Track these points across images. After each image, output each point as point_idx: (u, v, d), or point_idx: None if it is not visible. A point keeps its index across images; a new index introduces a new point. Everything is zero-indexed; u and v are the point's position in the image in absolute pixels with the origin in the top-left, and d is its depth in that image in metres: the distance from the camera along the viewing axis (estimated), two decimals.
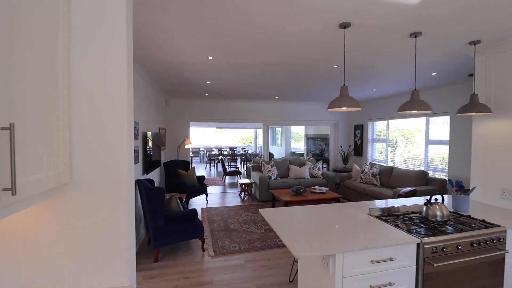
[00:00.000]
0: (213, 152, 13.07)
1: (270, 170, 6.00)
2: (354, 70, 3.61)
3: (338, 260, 1.56)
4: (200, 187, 5.52)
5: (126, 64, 1.04)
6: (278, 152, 12.34)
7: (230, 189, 7.22)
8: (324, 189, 4.77)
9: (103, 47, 1.01)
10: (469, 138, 4.34)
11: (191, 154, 13.06)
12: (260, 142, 15.06)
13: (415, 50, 2.74)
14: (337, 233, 1.80)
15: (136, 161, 3.32)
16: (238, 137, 19.95)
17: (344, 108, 2.08)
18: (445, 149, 4.82)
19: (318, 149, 10.10)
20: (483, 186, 2.63)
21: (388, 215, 2.21)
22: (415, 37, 2.35)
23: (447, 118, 4.77)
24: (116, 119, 1.03)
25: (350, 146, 7.59)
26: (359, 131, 7.16)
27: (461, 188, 2.40)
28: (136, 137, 3.35)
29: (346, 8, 1.83)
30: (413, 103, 2.25)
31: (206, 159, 12.50)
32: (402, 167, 5.80)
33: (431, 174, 5.07)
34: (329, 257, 1.60)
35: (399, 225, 1.96)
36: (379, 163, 6.12)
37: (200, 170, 11.11)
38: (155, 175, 4.88)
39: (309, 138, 10.92)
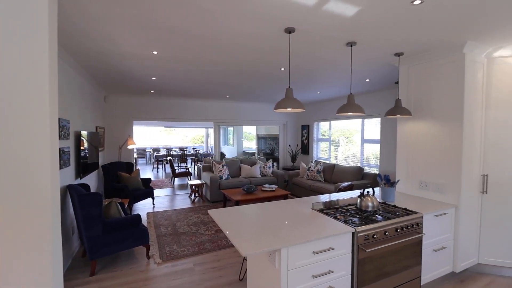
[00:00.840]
0: (161, 153, 12.38)
1: (221, 170, 5.95)
2: (300, 73, 3.81)
3: (283, 254, 1.62)
4: (145, 190, 5.16)
5: (48, 54, 0.90)
6: (230, 151, 12.33)
7: (180, 191, 6.94)
8: (274, 186, 4.94)
9: (18, 32, 0.86)
10: (395, 138, 4.98)
11: (135, 156, 12.15)
12: (212, 142, 14.83)
13: (350, 58, 3.02)
14: (284, 228, 1.87)
15: (66, 164, 2.93)
16: (189, 136, 19.31)
17: (289, 109, 2.18)
18: (377, 147, 5.45)
19: (269, 148, 10.40)
20: (405, 179, 3.05)
21: (329, 208, 2.39)
22: (351, 46, 2.59)
23: (379, 120, 5.39)
24: (34, 115, 0.89)
25: (298, 145, 8.00)
26: (306, 131, 7.60)
27: (388, 181, 2.73)
28: (66, 137, 2.96)
29: (290, 14, 1.92)
30: (349, 106, 2.48)
31: (153, 161, 11.77)
32: (343, 164, 6.35)
33: (366, 169, 5.66)
34: (275, 252, 1.65)
35: (338, 217, 2.14)
36: (323, 161, 6.58)
37: (146, 172, 10.42)
38: (91, 179, 4.39)
39: (260, 138, 11.17)
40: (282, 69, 3.58)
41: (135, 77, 4.13)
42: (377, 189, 3.21)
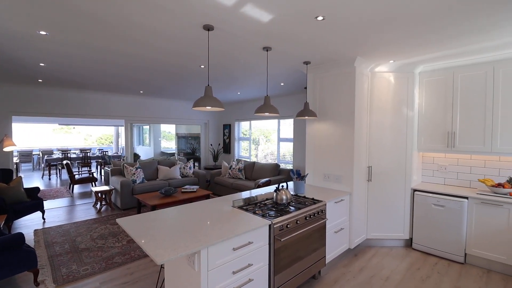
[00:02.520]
0: (55, 156, 10.26)
1: (134, 173, 5.38)
2: (220, 72, 3.82)
3: (203, 255, 1.59)
4: (31, 202, 4.17)
5: None
6: (146, 152, 11.29)
7: (82, 200, 5.92)
8: (195, 187, 4.80)
9: None
10: (305, 137, 5.60)
11: (16, 160, 9.73)
12: (123, 142, 13.24)
13: (267, 62, 3.22)
14: (204, 229, 1.83)
15: None
16: (95, 136, 16.73)
17: (208, 108, 2.15)
18: (291, 145, 6.01)
19: (190, 148, 10.05)
20: (313, 173, 3.46)
21: (248, 204, 2.48)
22: (267, 50, 2.75)
23: (292, 120, 5.95)
24: None
25: (219, 144, 8.01)
26: (227, 130, 7.70)
27: (299, 175, 3.04)
28: None
29: (208, 11, 1.89)
30: (266, 107, 2.63)
31: (43, 165, 9.63)
32: (263, 161, 6.73)
33: (282, 166, 6.17)
34: (195, 255, 1.60)
35: (256, 211, 2.24)
36: (244, 159, 6.81)
37: (34, 181, 8.46)
38: None
39: (180, 137, 10.66)
40: (202, 66, 3.50)
41: (14, 60, 3.28)
42: (291, 183, 3.54)
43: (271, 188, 3.30)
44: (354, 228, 3.13)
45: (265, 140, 6.99)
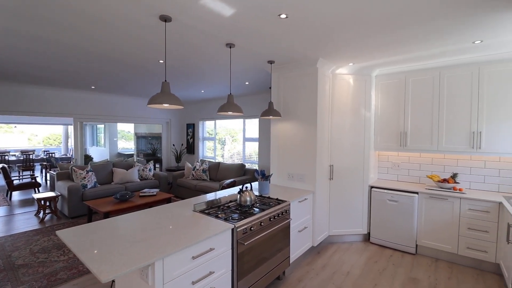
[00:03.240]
0: None
1: (85, 177, 4.88)
2: (181, 69, 3.62)
3: (158, 267, 1.44)
4: None
5: None
6: (101, 154, 10.41)
7: (22, 209, 5.21)
8: (155, 190, 4.50)
9: None
10: (270, 136, 5.62)
11: None
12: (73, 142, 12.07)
13: (230, 59, 3.12)
14: (160, 237, 1.68)
15: None
16: (41, 136, 15.02)
17: (165, 105, 1.98)
18: (257, 145, 5.98)
19: (151, 148, 9.50)
20: (278, 172, 3.46)
21: (211, 208, 2.36)
22: (230, 47, 2.66)
23: (257, 120, 5.93)
24: None
25: (182, 144, 7.69)
26: (191, 129, 7.42)
27: (263, 176, 3.00)
28: None
29: (164, 0, 1.73)
30: (229, 106, 2.54)
31: None
32: (229, 161, 6.60)
33: (248, 166, 6.11)
34: (148, 267, 1.44)
35: (219, 215, 2.14)
36: (209, 160, 6.61)
37: None
38: None
39: (140, 137, 10.02)
40: (161, 61, 3.28)
41: None
42: (256, 184, 3.49)
43: (236, 190, 3.21)
44: (317, 226, 3.19)
45: (231, 139, 6.87)
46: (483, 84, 2.97)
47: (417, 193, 3.22)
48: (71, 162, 6.14)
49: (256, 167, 6.04)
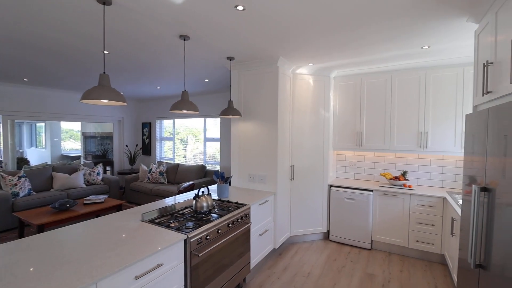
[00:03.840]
0: None
1: (16, 184, 4.19)
2: (130, 61, 3.27)
3: None
4: None
5: None
6: (41, 156, 9.18)
7: None
8: (102, 197, 4.04)
9: None
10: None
11: None
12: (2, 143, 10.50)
13: (184, 52, 2.89)
14: (96, 256, 1.42)
15: None
16: None
17: (105, 101, 1.71)
18: (218, 145, 5.77)
19: (101, 150, 8.66)
20: (238, 174, 3.32)
21: (162, 216, 2.13)
22: (184, 39, 2.44)
23: (218, 119, 5.72)
24: None
25: (137, 145, 7.13)
26: (147, 129, 6.91)
27: (223, 178, 2.84)
28: None
29: None
30: (183, 103, 2.32)
31: None
32: (192, 162, 6.27)
33: (210, 167, 5.87)
34: None
35: (171, 224, 1.93)
36: (167, 161, 6.22)
37: None
38: None
39: (88, 137, 9.07)
40: (106, 52, 2.91)
41: None
42: (214, 187, 3.31)
43: (193, 194, 2.99)
44: (278, 227, 3.13)
45: (194, 139, 6.55)
46: (429, 87, 3.19)
47: (372, 190, 3.35)
48: (1, 167, 5.26)
49: (218, 168, 5.83)
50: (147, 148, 6.94)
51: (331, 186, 3.61)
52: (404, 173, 3.44)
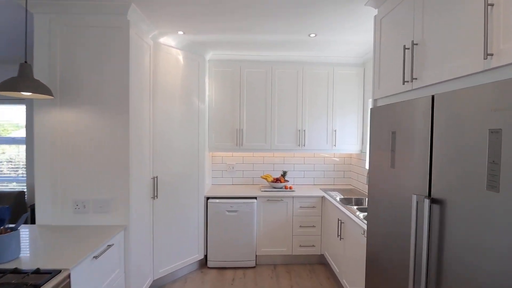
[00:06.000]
0: None
1: None
2: None
3: None
4: None
5: None
6: None
7: None
8: None
9: None
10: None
11: None
12: None
13: None
14: None
15: None
16: None
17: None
18: (23, 149, 3.57)
19: None
20: (52, 201, 1.85)
21: None
22: None
23: (24, 107, 3.55)
24: None
25: None
26: None
27: (7, 217, 1.39)
28: None
29: None
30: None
31: None
32: None
33: (12, 186, 3.54)
34: None
35: None
36: None
37: None
38: None
39: None
40: None
41: None
42: None
43: None
44: (133, 278, 1.98)
45: None
46: (305, 83, 3.06)
47: (255, 198, 2.86)
48: None
49: (22, 188, 3.63)
50: None
51: (208, 198, 2.83)
52: (284, 174, 3.18)
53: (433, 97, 1.12)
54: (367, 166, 2.99)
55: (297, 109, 3.06)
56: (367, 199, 2.69)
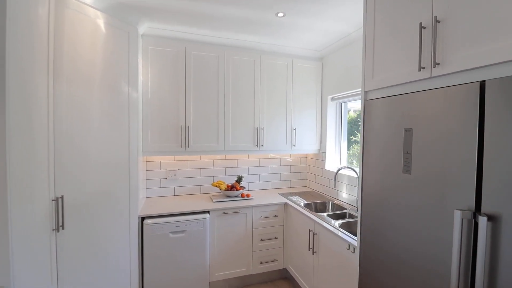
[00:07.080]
0: None
1: None
2: None
3: None
4: None
5: None
6: None
7: None
8: None
9: None
10: None
11: None
12: None
13: None
14: None
15: None
16: None
17: None
18: None
19: None
20: None
21: None
22: None
23: None
24: None
25: None
26: None
27: None
28: None
29: None
30: None
31: None
32: None
33: None
34: None
35: None
36: None
37: None
38: None
39: None
40: None
41: None
42: None
43: None
44: None
45: None
46: (263, 75, 2.67)
47: (208, 211, 2.31)
48: None
49: None
50: None
51: (143, 218, 2.13)
52: (239, 179, 2.72)
53: (482, 83, 0.87)
54: (327, 167, 2.81)
55: (255, 104, 2.65)
56: (331, 203, 2.49)
